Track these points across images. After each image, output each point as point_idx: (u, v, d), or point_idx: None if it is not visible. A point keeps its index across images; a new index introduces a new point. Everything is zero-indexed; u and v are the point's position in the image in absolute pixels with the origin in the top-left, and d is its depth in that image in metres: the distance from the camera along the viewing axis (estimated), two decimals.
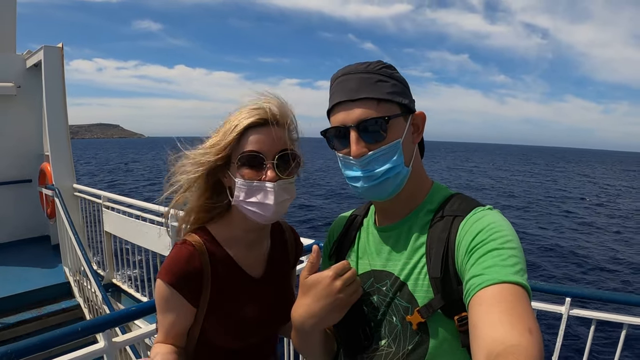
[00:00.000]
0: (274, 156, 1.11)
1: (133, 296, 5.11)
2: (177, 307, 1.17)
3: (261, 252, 1.31)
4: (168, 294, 1.15)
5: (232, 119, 1.14)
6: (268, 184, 1.10)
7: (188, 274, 1.14)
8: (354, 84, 0.97)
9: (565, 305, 2.14)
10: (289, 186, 1.15)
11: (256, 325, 1.25)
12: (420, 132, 1.05)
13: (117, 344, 1.76)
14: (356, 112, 0.95)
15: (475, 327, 0.74)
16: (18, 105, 6.44)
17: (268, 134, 1.11)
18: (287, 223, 1.44)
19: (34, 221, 6.76)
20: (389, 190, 0.99)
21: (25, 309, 4.86)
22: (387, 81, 0.98)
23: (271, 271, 1.31)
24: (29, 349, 1.43)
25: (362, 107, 0.95)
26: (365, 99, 0.95)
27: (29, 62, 6.34)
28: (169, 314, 1.18)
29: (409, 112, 1.01)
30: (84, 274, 4.46)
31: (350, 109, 0.96)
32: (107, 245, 5.40)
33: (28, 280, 5.27)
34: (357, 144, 0.96)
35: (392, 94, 0.97)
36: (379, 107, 0.95)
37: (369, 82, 0.96)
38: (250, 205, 1.13)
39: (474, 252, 0.85)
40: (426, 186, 1.08)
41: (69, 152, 6.11)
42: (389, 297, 1.01)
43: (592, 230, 18.40)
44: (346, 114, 0.97)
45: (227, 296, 1.22)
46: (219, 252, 1.22)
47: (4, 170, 6.49)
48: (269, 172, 1.10)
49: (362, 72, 0.98)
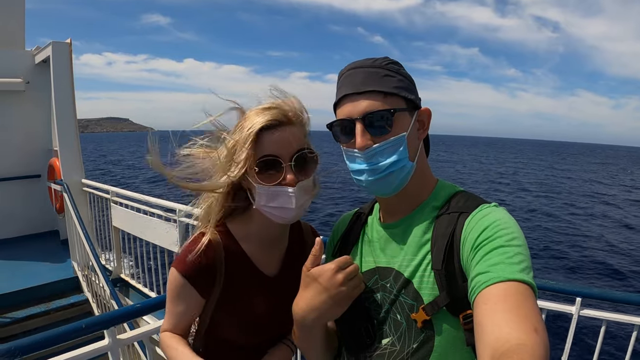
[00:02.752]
0: (291, 157, 1.10)
1: (141, 291, 5.14)
2: (187, 297, 1.19)
3: (278, 251, 1.31)
4: (180, 283, 1.17)
5: (244, 124, 1.11)
6: (289, 189, 1.09)
7: (201, 266, 1.16)
8: (361, 77, 0.98)
9: (575, 305, 2.11)
10: (309, 187, 1.15)
11: (269, 323, 1.26)
12: (426, 128, 1.05)
13: (122, 340, 1.76)
14: (362, 105, 0.96)
15: (480, 326, 0.74)
16: (27, 101, 6.48)
17: (283, 135, 1.10)
18: (306, 223, 1.44)
19: (43, 216, 6.81)
20: (394, 184, 0.99)
21: (34, 303, 4.90)
22: (393, 76, 0.98)
23: (287, 270, 1.30)
24: (33, 345, 1.43)
25: (368, 99, 0.96)
26: (372, 91, 0.96)
27: (37, 57, 6.38)
28: (179, 303, 1.20)
29: (415, 108, 1.01)
30: (92, 268, 4.49)
31: (356, 101, 0.97)
32: (115, 240, 5.44)
33: (37, 275, 5.32)
34: (363, 136, 0.96)
35: (398, 89, 0.97)
36: (386, 100, 0.96)
37: (376, 76, 0.97)
38: (271, 209, 1.13)
39: (480, 249, 0.85)
40: (431, 183, 1.08)
41: (77, 147, 6.15)
42: (393, 295, 1.01)
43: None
44: (352, 107, 0.98)
45: (237, 291, 1.23)
46: (235, 247, 1.23)
47: (13, 166, 6.54)
48: (287, 175, 1.09)
49: (369, 67, 0.99)
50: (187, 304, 1.20)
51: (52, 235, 6.83)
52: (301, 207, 1.12)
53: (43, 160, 6.63)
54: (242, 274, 1.24)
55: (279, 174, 1.10)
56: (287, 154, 1.10)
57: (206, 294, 1.20)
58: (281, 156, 1.10)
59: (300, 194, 1.11)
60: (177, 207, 4.12)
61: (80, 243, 4.91)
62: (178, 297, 1.20)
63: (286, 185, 1.10)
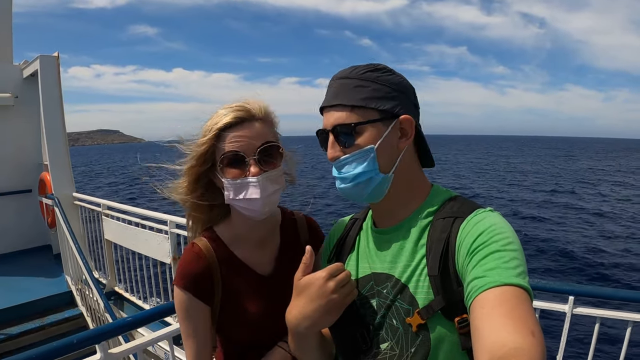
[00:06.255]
0: (255, 151, 1.14)
1: (135, 304, 5.09)
2: (195, 310, 1.22)
3: (270, 250, 1.33)
4: (184, 298, 1.21)
5: (208, 123, 1.17)
6: (252, 179, 1.13)
7: (197, 275, 1.21)
8: (333, 90, 1.02)
9: (568, 304, 2.12)
10: (275, 177, 1.18)
11: (271, 321, 1.26)
12: (410, 136, 1.02)
13: (115, 355, 1.74)
14: (333, 117, 1.01)
15: (477, 330, 0.74)
16: (16, 116, 6.44)
17: (246, 131, 1.15)
18: (304, 217, 1.45)
19: (35, 231, 6.75)
20: (364, 194, 1.02)
21: (28, 319, 4.85)
22: (367, 86, 0.99)
23: (282, 268, 1.31)
24: None
25: (337, 111, 1.00)
26: (339, 105, 1.00)
27: (25, 72, 6.35)
28: (190, 320, 1.23)
29: (393, 117, 1.00)
30: (86, 282, 4.46)
31: (328, 112, 1.03)
32: (107, 253, 5.40)
33: (30, 290, 5.26)
34: (332, 147, 1.02)
35: (367, 100, 0.98)
36: (352, 113, 0.98)
37: (346, 88, 1.00)
38: (240, 202, 1.16)
39: (476, 254, 0.85)
40: (425, 189, 1.08)
41: (67, 160, 6.12)
42: (389, 300, 1.00)
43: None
44: (326, 118, 1.04)
45: (235, 293, 1.26)
46: (224, 251, 1.26)
47: (4, 181, 6.50)
48: (251, 168, 1.14)
49: (345, 78, 1.01)
50: (197, 317, 1.23)
51: (45, 249, 6.76)
52: (268, 197, 1.15)
53: (34, 174, 6.59)
54: (236, 276, 1.26)
55: (245, 168, 1.14)
56: (250, 149, 1.14)
57: (209, 300, 1.23)
58: (245, 151, 1.14)
59: (265, 183, 1.14)
60: (169, 218, 4.10)
61: (72, 257, 4.87)
62: (187, 313, 1.22)
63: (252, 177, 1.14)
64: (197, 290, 1.21)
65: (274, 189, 1.17)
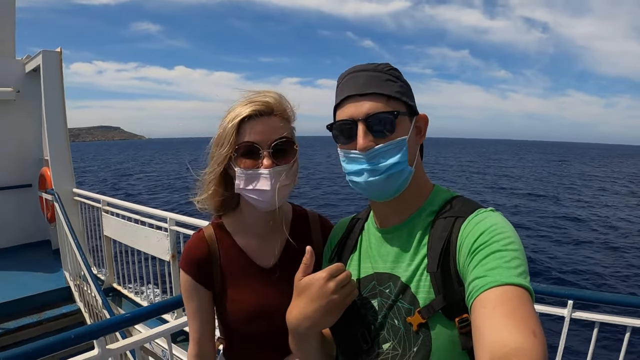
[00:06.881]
0: (270, 145, 1.17)
1: (134, 300, 5.10)
2: (195, 292, 1.28)
3: (275, 243, 1.34)
4: (185, 280, 1.28)
5: (229, 114, 1.20)
6: (263, 171, 1.16)
7: (197, 259, 1.27)
8: (363, 80, 1.00)
9: (567, 308, 2.12)
10: (287, 172, 1.20)
11: (265, 313, 1.27)
12: (423, 134, 1.06)
13: (112, 350, 1.74)
14: (365, 106, 0.97)
15: (479, 329, 0.74)
16: (17, 110, 6.45)
17: (263, 125, 1.17)
18: (316, 214, 1.46)
19: (35, 226, 6.75)
20: (392, 188, 0.99)
21: (26, 314, 4.85)
22: (395, 81, 1.01)
23: (286, 262, 1.31)
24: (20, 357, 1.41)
25: (371, 101, 0.97)
26: (375, 94, 0.98)
27: (28, 66, 6.36)
28: (191, 301, 1.29)
29: (413, 114, 1.03)
30: (84, 278, 4.45)
31: (359, 102, 0.98)
32: (107, 249, 5.40)
33: (29, 285, 5.27)
34: (365, 137, 0.96)
35: (400, 93, 1.00)
36: (389, 103, 0.97)
37: (378, 80, 0.99)
38: (249, 192, 1.19)
39: (477, 254, 0.85)
40: (427, 189, 1.08)
41: (68, 156, 6.13)
42: (391, 300, 1.00)
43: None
44: (355, 108, 0.98)
45: (231, 282, 1.30)
46: (228, 240, 1.32)
47: (4, 175, 6.50)
48: (265, 160, 1.16)
49: (372, 71, 1.01)
50: (199, 299, 1.28)
51: (44, 245, 6.77)
52: (278, 190, 1.17)
53: (34, 169, 6.59)
54: (234, 265, 1.30)
55: (258, 160, 1.17)
56: (266, 142, 1.17)
57: (209, 285, 1.29)
58: (260, 144, 1.17)
59: (276, 176, 1.17)
60: (169, 215, 4.10)
61: (71, 252, 4.87)
62: (189, 294, 1.29)
63: (264, 168, 1.17)
64: (197, 273, 1.27)
65: (283, 184, 1.19)
